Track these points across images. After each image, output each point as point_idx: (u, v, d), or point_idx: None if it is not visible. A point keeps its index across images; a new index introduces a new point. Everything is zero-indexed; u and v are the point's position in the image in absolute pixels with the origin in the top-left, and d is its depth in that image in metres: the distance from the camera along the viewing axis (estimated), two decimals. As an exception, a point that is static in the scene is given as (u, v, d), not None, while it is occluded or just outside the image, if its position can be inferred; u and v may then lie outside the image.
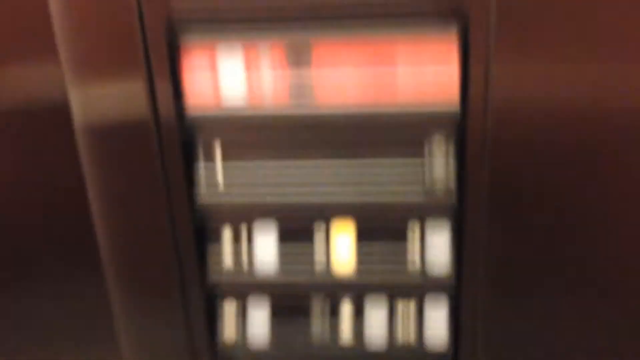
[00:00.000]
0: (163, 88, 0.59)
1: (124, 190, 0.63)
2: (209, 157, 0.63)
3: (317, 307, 0.67)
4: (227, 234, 0.65)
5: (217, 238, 0.66)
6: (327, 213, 0.63)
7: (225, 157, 0.62)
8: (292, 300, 0.67)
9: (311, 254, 0.65)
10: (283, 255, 0.65)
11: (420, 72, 0.57)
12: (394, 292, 0.66)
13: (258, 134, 0.61)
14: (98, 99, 0.60)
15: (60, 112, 0.60)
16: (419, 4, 0.55)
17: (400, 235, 0.64)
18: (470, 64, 0.56)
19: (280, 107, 0.59)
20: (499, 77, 0.55)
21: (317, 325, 0.68)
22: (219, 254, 0.66)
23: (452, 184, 0.61)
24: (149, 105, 0.59)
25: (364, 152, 0.61)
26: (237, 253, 0.66)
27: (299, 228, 0.64)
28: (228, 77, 0.59)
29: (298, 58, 0.58)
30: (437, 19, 0.55)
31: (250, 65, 0.58)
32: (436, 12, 0.54)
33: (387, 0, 0.54)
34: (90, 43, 0.58)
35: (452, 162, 0.60)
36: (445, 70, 0.57)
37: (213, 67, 0.59)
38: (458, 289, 0.64)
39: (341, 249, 0.64)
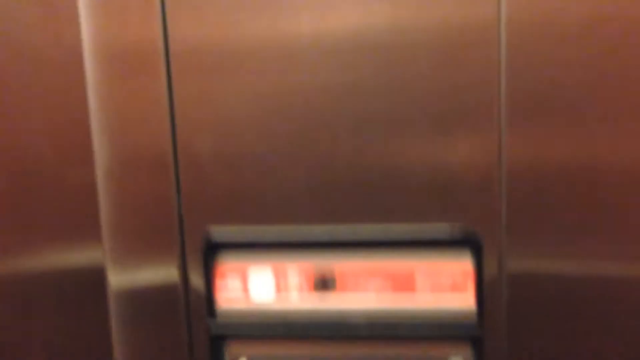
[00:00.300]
0: (196, 289, 0.63)
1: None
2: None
3: None
4: None
5: None
6: None
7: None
8: None
9: None
10: None
11: (438, 297, 0.61)
12: None
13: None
14: (133, 279, 0.64)
15: (96, 285, 0.65)
16: (436, 233, 0.59)
17: None
18: (483, 281, 0.60)
19: (305, 304, 0.63)
20: (511, 290, 0.59)
21: None
22: None
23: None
24: (183, 300, 0.64)
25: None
26: None
27: None
28: (258, 293, 0.64)
29: (323, 281, 0.62)
30: (452, 246, 0.60)
31: (279, 285, 0.63)
32: (451, 240, 0.59)
33: (406, 229, 0.60)
34: (132, 234, 0.63)
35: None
36: (462, 296, 0.61)
37: (245, 285, 0.64)
38: None
39: None
